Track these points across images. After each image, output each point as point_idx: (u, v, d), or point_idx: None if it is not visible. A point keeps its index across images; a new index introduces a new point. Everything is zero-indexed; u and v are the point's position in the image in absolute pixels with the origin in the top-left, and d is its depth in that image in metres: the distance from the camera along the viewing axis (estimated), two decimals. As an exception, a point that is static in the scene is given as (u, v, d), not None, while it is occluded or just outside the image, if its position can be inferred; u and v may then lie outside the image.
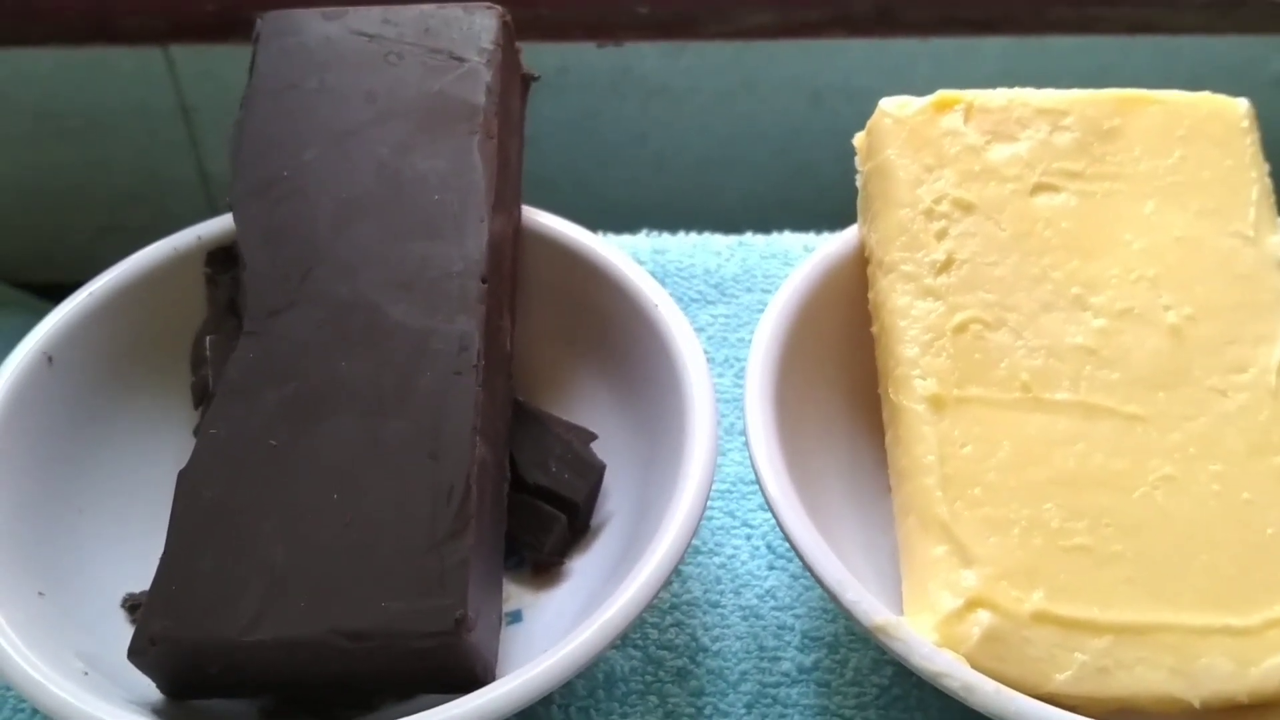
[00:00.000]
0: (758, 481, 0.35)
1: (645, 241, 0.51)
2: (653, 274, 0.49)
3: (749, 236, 0.51)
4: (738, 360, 0.47)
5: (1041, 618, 0.33)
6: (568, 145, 0.71)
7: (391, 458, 0.34)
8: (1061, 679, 0.33)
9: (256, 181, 0.39)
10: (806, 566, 0.33)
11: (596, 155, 0.71)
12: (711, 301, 0.48)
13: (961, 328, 0.37)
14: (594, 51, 0.67)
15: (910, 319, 0.38)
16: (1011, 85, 0.42)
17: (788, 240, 0.51)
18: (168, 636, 0.32)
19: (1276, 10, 0.67)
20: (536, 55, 0.66)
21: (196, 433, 0.36)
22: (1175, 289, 0.38)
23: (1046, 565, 0.34)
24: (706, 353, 0.46)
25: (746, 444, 0.36)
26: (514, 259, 0.41)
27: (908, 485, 0.36)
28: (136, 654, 0.33)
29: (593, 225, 0.50)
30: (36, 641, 0.33)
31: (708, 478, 0.35)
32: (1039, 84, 0.42)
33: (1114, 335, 0.37)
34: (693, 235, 0.51)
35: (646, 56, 0.67)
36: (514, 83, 0.43)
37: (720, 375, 0.46)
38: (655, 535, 0.34)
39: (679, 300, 0.48)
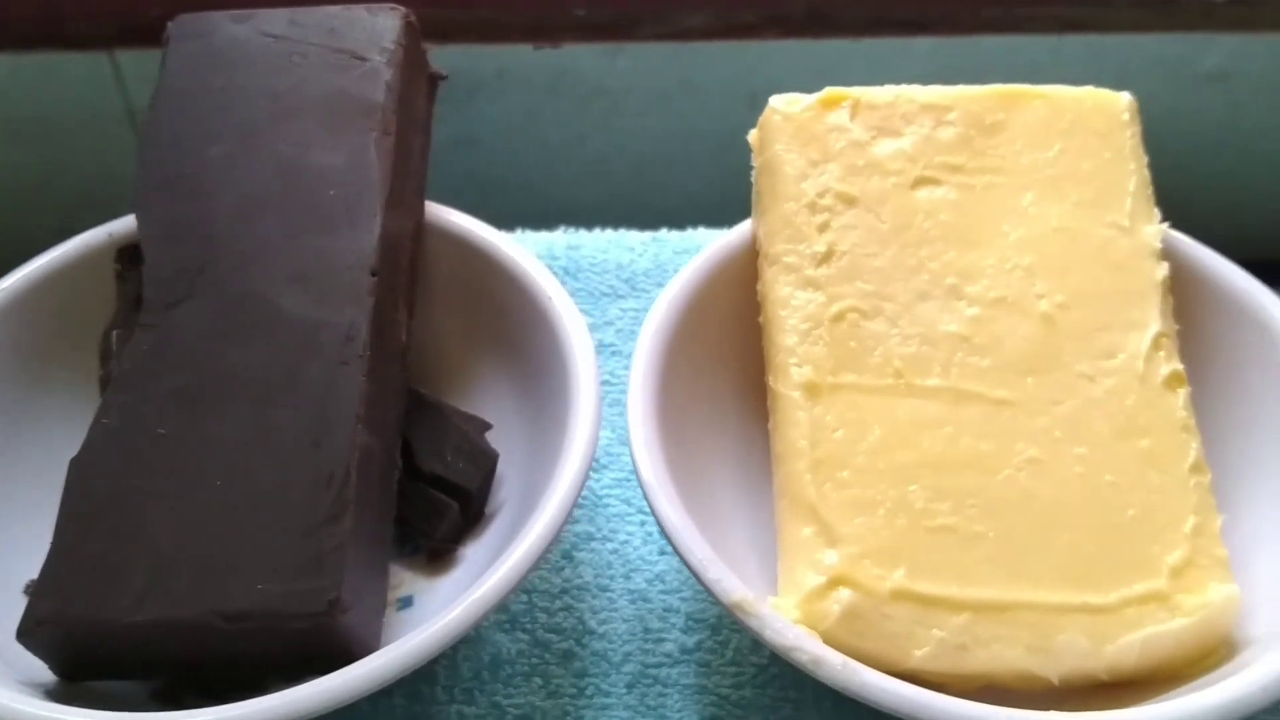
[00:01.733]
0: (633, 463, 0.36)
1: (561, 238, 0.52)
2: (565, 269, 0.50)
3: (663, 232, 0.52)
4: (645, 353, 0.47)
5: (901, 595, 0.34)
6: (509, 147, 0.72)
7: (276, 445, 0.35)
8: (920, 655, 0.34)
9: (159, 179, 0.41)
10: (672, 546, 0.34)
11: (538, 157, 0.72)
12: (622, 296, 0.49)
13: (839, 317, 0.38)
14: (531, 53, 0.68)
15: (790, 309, 0.39)
16: (945, 84, 0.43)
17: (701, 236, 0.52)
18: (53, 618, 0.33)
19: (1208, 7, 0.68)
20: (474, 57, 0.67)
21: (96, 423, 0.38)
22: (1049, 278, 0.39)
23: (909, 544, 0.35)
24: (614, 345, 0.48)
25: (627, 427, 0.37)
26: (414, 253, 0.42)
27: (782, 469, 0.37)
28: (25, 635, 0.34)
29: (536, 226, 0.52)
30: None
31: (585, 463, 0.36)
32: (971, 83, 0.43)
33: (987, 323, 0.38)
34: (609, 231, 0.52)
35: (583, 58, 0.68)
36: (419, 82, 0.44)
37: (626, 367, 0.47)
38: (529, 521, 0.35)
39: (590, 295, 0.50)
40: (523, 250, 0.42)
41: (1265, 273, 0.42)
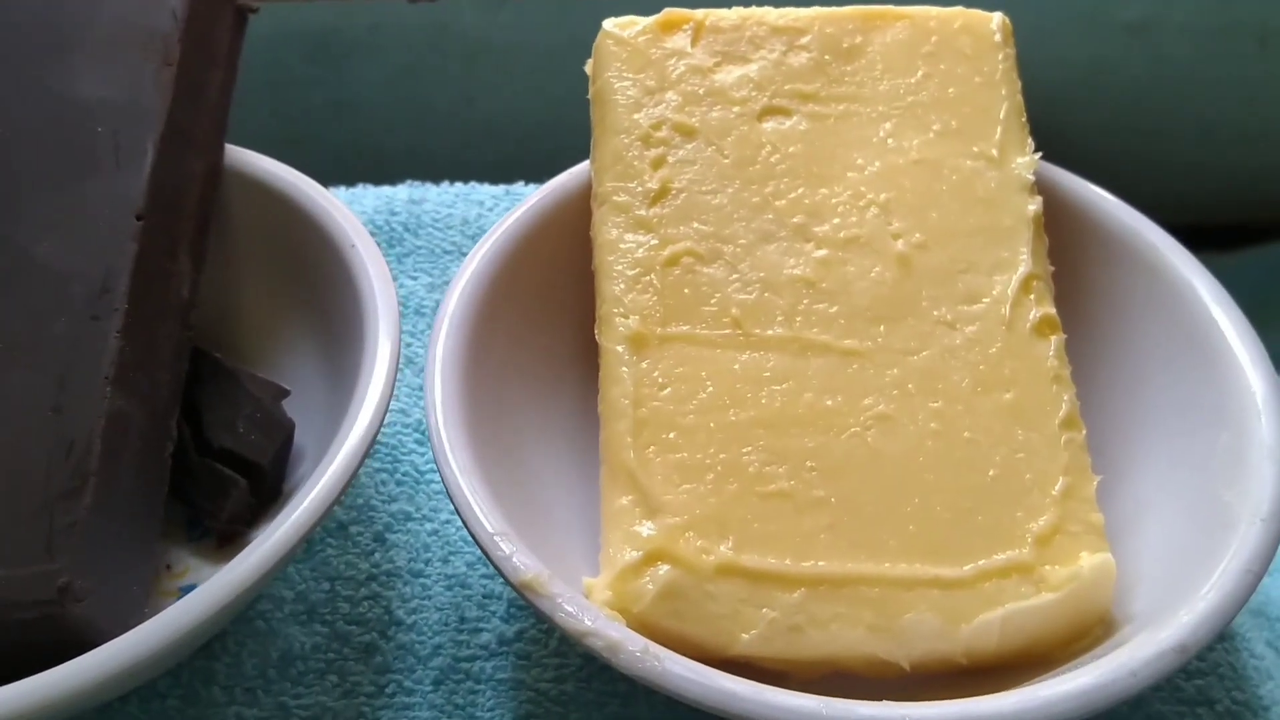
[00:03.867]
0: (427, 428, 0.32)
1: (403, 191, 0.47)
2: (405, 225, 0.46)
3: (519, 186, 0.48)
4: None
5: (727, 570, 0.30)
6: (389, 110, 0.67)
7: (12, 412, 0.31)
8: (748, 639, 0.29)
9: (-91, 120, 0.36)
10: (460, 518, 0.30)
11: (421, 120, 0.68)
12: (466, 253, 0.45)
13: (673, 261, 0.34)
14: (407, 8, 0.63)
15: (619, 253, 0.34)
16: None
17: (560, 189, 0.48)
18: None
19: (1128, -44, 0.64)
20: (344, 14, 0.62)
21: None
22: (907, 215, 0.35)
23: (739, 513, 0.31)
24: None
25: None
26: (205, 199, 0.37)
27: (604, 433, 0.33)
28: None
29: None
30: None
31: (372, 427, 0.31)
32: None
33: (836, 266, 0.34)
34: (457, 185, 0.48)
35: (464, 12, 0.64)
36: (220, 12, 0.39)
37: (467, 330, 0.43)
38: (297, 495, 0.30)
39: (431, 253, 0.45)
40: (331, 197, 0.38)
41: (1194, 238, 0.38)
